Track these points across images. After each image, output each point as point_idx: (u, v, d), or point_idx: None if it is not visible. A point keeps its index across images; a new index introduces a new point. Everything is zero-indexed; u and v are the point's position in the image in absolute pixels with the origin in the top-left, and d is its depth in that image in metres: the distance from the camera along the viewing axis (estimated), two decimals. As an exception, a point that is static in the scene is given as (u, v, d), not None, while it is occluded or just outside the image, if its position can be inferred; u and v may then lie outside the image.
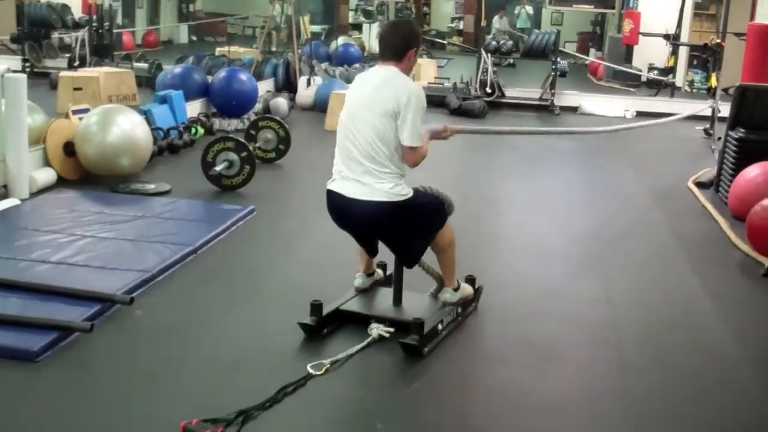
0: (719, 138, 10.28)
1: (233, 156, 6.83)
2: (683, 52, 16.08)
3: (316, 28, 19.96)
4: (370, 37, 18.68)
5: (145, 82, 11.48)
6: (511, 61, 17.63)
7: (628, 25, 16.02)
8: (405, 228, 3.99)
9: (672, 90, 14.09)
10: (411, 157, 3.94)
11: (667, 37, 14.52)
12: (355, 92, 4.05)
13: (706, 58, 14.67)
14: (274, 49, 14.83)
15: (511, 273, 5.31)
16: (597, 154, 9.60)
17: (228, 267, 5.21)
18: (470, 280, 4.53)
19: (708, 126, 10.99)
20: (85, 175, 7.01)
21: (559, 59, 13.08)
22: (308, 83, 12.10)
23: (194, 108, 9.89)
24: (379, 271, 4.55)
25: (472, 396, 3.75)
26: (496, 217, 6.83)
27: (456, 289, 4.32)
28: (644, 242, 6.21)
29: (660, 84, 14.64)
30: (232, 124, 9.81)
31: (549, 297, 4.90)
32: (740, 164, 6.95)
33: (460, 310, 4.35)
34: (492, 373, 3.93)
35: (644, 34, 15.59)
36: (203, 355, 3.92)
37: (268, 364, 3.83)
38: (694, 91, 16.26)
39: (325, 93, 11.07)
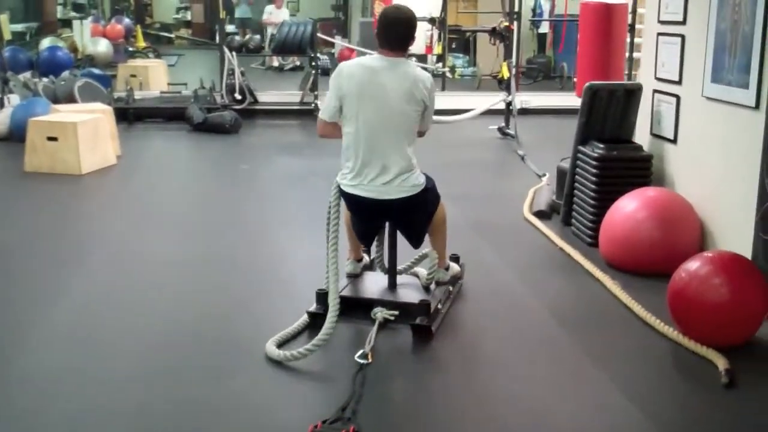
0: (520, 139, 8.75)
1: None
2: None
3: (19, 27, 16.75)
4: (83, 36, 15.55)
5: None
6: (298, 62, 15.24)
7: (379, 8, 14.34)
8: (423, 212, 4.11)
9: (443, 80, 12.43)
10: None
11: (432, 21, 12.82)
12: (369, 84, 3.88)
13: (467, 41, 13.25)
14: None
15: None
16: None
17: None
18: (455, 258, 4.59)
19: (503, 124, 9.38)
20: None
21: (319, 54, 11.00)
22: (1, 104, 9.24)
23: None
24: (366, 257, 4.53)
25: None
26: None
27: (447, 269, 4.40)
28: (510, 325, 4.18)
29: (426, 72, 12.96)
30: None
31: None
32: (603, 191, 5.21)
33: (451, 289, 4.39)
34: None
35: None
36: None
37: None
38: (457, 78, 14.90)
39: (24, 116, 8.31)
